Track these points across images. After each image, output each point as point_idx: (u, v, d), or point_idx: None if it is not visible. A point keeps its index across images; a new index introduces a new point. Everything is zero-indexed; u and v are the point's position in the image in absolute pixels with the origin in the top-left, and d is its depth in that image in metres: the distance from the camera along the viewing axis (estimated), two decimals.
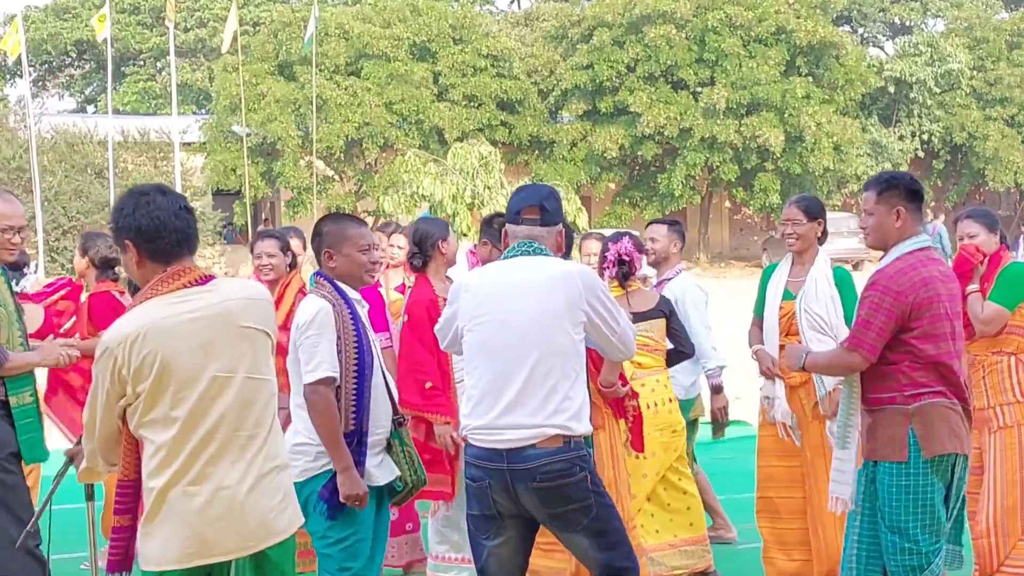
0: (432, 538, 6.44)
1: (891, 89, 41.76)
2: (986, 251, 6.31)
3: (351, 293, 4.89)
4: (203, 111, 45.29)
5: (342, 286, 4.87)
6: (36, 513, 4.79)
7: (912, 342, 4.78)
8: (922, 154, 42.61)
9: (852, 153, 39.01)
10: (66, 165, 33.12)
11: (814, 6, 40.13)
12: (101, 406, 3.70)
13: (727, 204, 44.64)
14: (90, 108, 53.08)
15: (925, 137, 42.23)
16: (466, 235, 22.39)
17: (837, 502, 5.08)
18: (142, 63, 52.93)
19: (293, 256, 7.20)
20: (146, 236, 3.71)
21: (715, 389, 7.16)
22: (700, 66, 38.26)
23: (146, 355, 3.60)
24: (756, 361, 6.45)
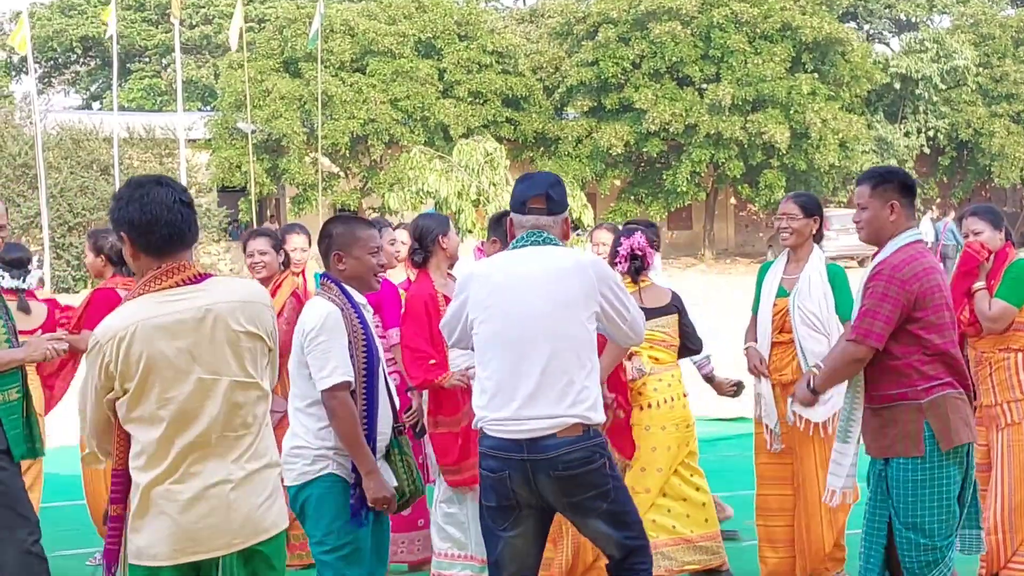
0: (434, 535, 6.42)
1: (897, 85, 41.71)
2: (991, 248, 6.32)
3: (357, 296, 4.86)
4: (208, 108, 45.35)
5: (349, 289, 4.83)
6: None
7: (919, 333, 4.78)
8: (928, 150, 42.57)
9: (858, 150, 38.98)
10: (71, 162, 33.19)
11: (820, 2, 40.14)
12: (92, 397, 3.72)
13: (732, 201, 44.63)
14: (96, 105, 53.23)
15: (931, 134, 42.18)
16: (471, 232, 22.41)
17: (833, 494, 5.08)
18: (147, 60, 53.02)
19: (286, 255, 7.18)
20: (139, 229, 3.69)
21: (708, 379, 7.19)
22: (706, 63, 38.23)
23: (133, 354, 3.61)
24: (746, 358, 6.52)
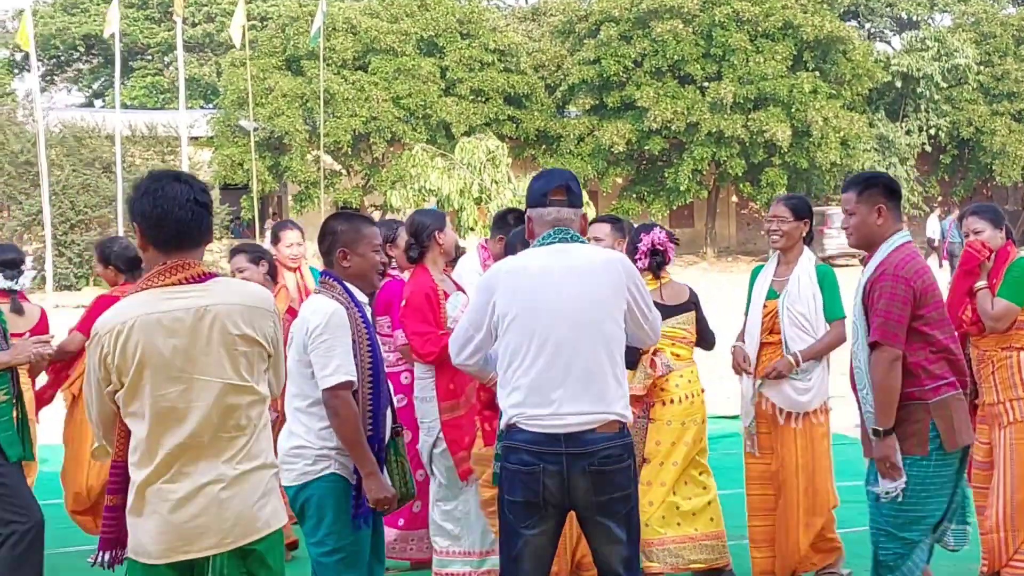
0: (433, 534, 6.43)
1: (898, 84, 41.69)
2: (992, 247, 6.34)
3: (359, 295, 4.84)
4: (211, 106, 45.38)
5: (351, 287, 4.81)
6: None
7: (925, 330, 4.83)
8: (929, 149, 42.57)
9: (859, 148, 38.99)
10: (74, 159, 33.19)
11: (821, 1, 40.18)
12: (95, 389, 3.75)
13: (734, 199, 44.64)
14: (98, 102, 53.24)
15: (932, 132, 42.17)
16: (473, 229, 22.42)
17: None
18: (150, 58, 53.03)
19: (270, 266, 7.13)
20: (149, 222, 3.73)
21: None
22: (707, 61, 38.24)
23: (129, 347, 3.64)
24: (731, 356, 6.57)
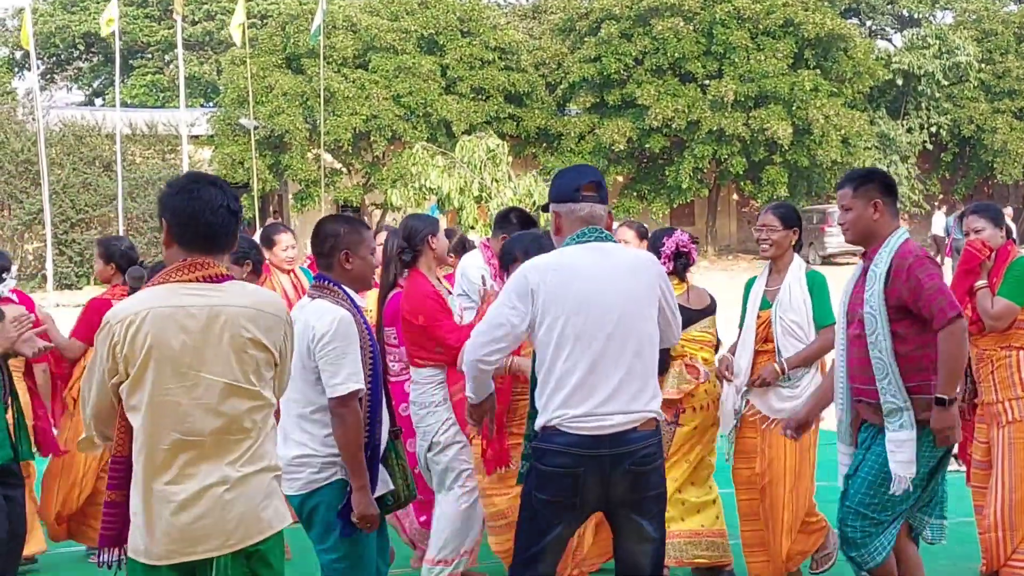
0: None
1: (899, 82, 41.68)
2: (993, 246, 6.33)
3: (357, 299, 4.82)
4: (211, 104, 45.35)
5: (349, 291, 4.79)
6: None
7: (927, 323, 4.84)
8: (930, 147, 42.57)
9: (860, 146, 38.99)
10: (74, 158, 33.20)
11: None
12: (98, 379, 3.74)
13: (735, 197, 44.65)
14: (98, 101, 53.24)
15: (933, 130, 42.17)
16: (473, 228, 22.39)
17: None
18: (150, 56, 53.02)
19: (254, 265, 7.01)
20: (179, 219, 3.77)
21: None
22: (708, 59, 38.22)
23: (139, 338, 3.63)
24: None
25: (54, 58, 54.88)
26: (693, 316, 6.55)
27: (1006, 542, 6.19)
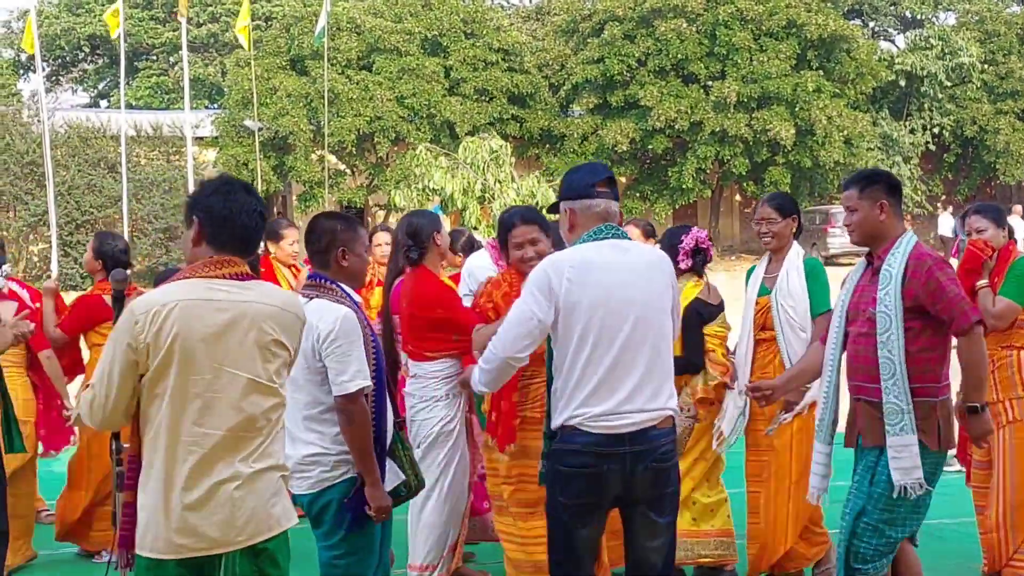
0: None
1: (902, 83, 41.66)
2: (995, 246, 6.37)
3: (355, 295, 4.81)
4: (215, 106, 45.38)
5: (347, 288, 4.78)
6: None
7: (939, 328, 4.86)
8: (933, 148, 42.52)
9: (863, 147, 38.95)
10: (79, 160, 33.19)
11: (825, 0, 40.09)
12: (118, 371, 3.69)
13: (738, 198, 44.65)
14: (103, 103, 53.25)
15: (936, 131, 42.13)
16: (476, 228, 22.41)
17: (818, 496, 5.21)
18: (155, 58, 53.05)
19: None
20: (214, 218, 3.82)
21: None
22: (711, 60, 38.20)
23: (165, 329, 3.64)
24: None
25: (59, 60, 54.88)
26: (713, 312, 6.61)
27: (1008, 542, 6.20)
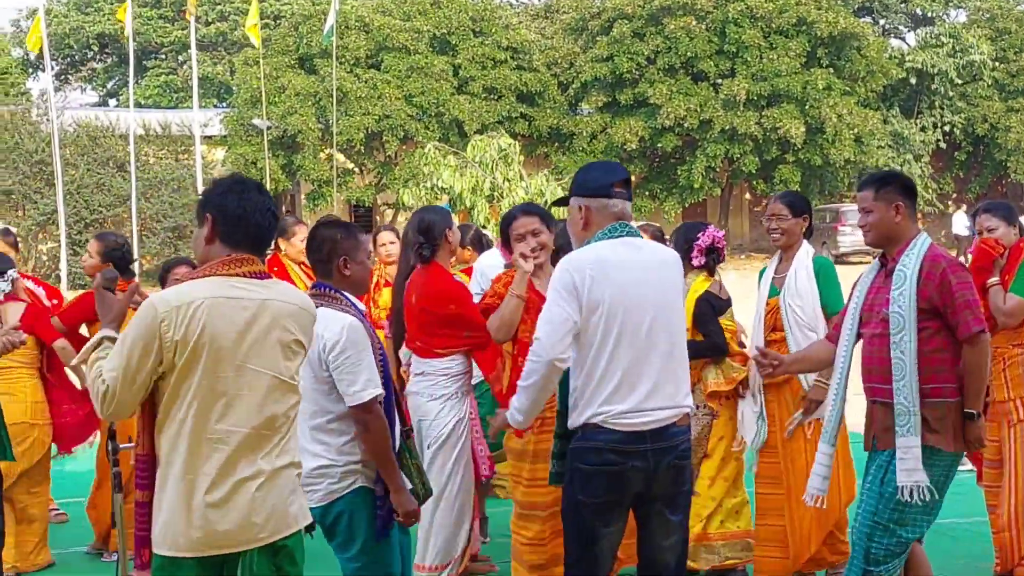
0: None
1: (912, 80, 41.57)
2: (1005, 244, 6.32)
3: (359, 303, 4.76)
4: (224, 104, 45.44)
5: (351, 297, 4.73)
6: None
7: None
8: (944, 146, 42.44)
9: (873, 145, 38.87)
10: (88, 158, 33.28)
11: None
12: (135, 365, 3.64)
13: (747, 196, 44.57)
14: (112, 102, 53.39)
15: (947, 129, 42.05)
16: (485, 227, 22.40)
17: (817, 499, 5.20)
18: (163, 57, 53.15)
19: None
20: (229, 217, 3.80)
21: None
22: (720, 58, 38.17)
23: (193, 326, 3.62)
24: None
25: (68, 59, 55.05)
26: (723, 306, 6.62)
27: (1020, 541, 6.16)
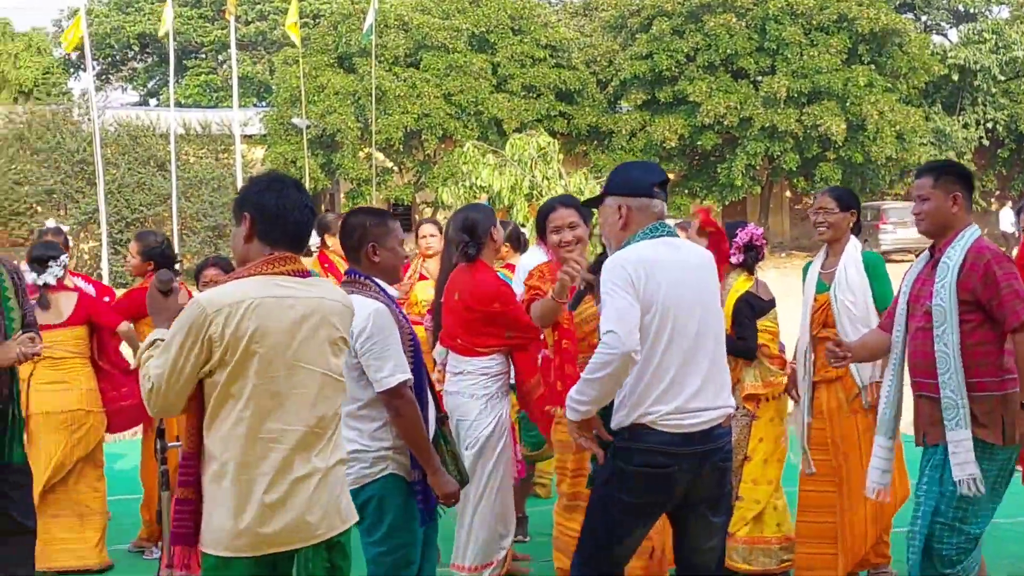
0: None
1: (955, 77, 41.20)
2: None
3: (391, 290, 4.78)
4: (264, 104, 45.67)
5: (382, 283, 4.75)
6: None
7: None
8: (987, 143, 42.04)
9: (915, 142, 38.52)
10: (129, 158, 33.53)
11: None
12: (181, 366, 3.64)
13: (788, 194, 44.33)
14: (152, 101, 53.77)
15: (989, 126, 41.65)
16: (524, 226, 22.38)
17: (878, 492, 5.15)
18: (203, 56, 53.47)
19: None
20: (268, 215, 3.79)
21: None
22: (761, 55, 37.97)
23: (243, 326, 3.62)
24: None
25: (109, 59, 55.50)
26: (764, 307, 6.58)
27: None
